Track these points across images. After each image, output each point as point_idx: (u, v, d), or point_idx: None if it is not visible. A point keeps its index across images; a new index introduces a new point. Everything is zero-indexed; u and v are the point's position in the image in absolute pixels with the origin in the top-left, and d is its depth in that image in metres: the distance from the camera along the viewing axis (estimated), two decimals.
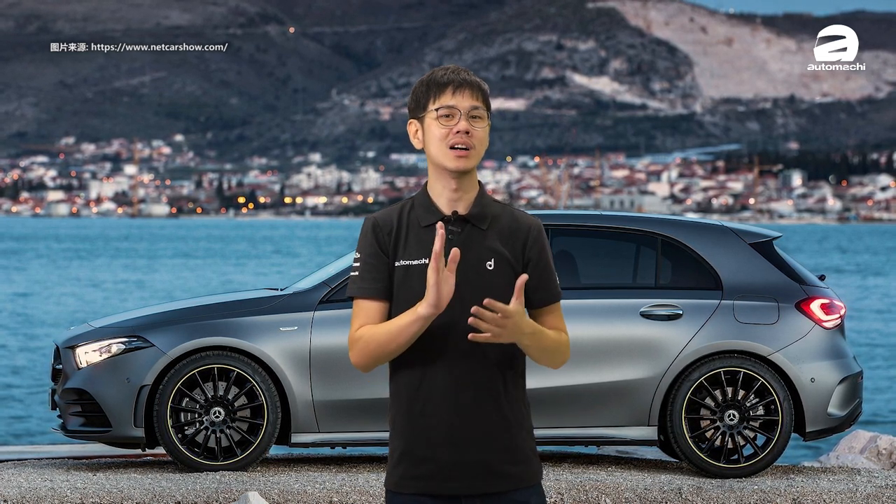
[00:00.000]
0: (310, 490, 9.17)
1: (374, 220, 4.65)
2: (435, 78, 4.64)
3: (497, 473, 4.57)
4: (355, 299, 4.62)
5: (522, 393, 4.65)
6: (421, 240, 4.60)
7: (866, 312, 51.76)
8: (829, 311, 10.20)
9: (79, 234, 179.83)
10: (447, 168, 4.59)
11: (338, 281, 10.12)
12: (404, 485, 4.59)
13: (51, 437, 18.58)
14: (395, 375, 4.63)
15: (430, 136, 4.62)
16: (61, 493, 9.06)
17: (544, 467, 9.80)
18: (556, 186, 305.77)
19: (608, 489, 9.39)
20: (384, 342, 4.53)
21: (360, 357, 4.57)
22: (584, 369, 9.95)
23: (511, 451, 4.59)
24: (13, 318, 47.84)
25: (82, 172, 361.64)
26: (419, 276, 4.57)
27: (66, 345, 10.21)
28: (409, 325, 4.48)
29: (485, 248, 4.60)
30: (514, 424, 4.60)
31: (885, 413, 26.56)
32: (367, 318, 4.59)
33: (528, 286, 4.62)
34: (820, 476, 10.13)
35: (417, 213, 4.64)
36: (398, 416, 4.62)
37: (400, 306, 4.58)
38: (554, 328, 4.64)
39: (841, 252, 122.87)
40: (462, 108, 4.60)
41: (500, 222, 4.64)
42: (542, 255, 4.64)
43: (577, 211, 10.83)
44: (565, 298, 9.47)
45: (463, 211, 4.63)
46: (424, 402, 4.55)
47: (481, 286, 4.57)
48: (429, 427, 4.56)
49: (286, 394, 9.93)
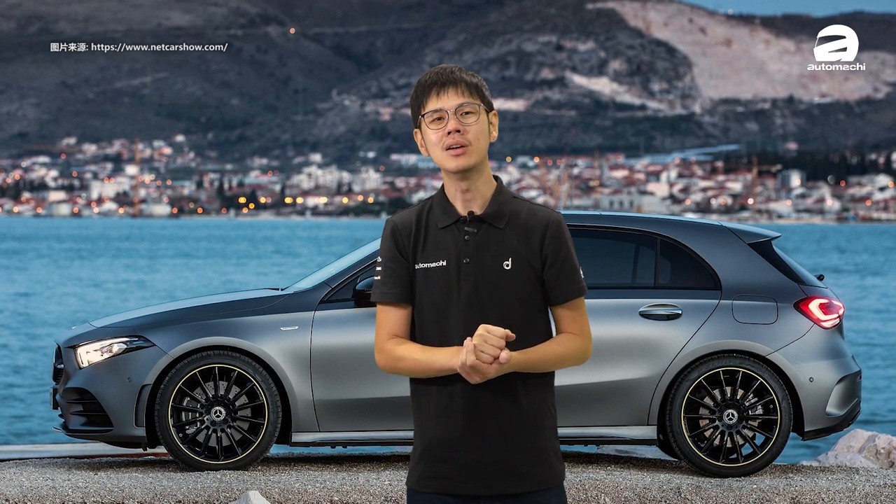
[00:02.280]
0: (310, 489, 9.19)
1: (394, 224, 4.63)
2: (420, 83, 4.61)
3: (517, 474, 4.55)
4: (378, 304, 4.62)
5: (546, 393, 4.61)
6: (438, 242, 4.58)
7: (865, 312, 51.76)
8: (827, 311, 10.22)
9: (80, 234, 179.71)
10: (448, 169, 4.57)
11: (338, 281, 10.14)
12: (424, 483, 4.58)
13: (52, 437, 18.60)
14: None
15: (428, 142, 4.60)
16: (63, 492, 9.08)
17: None
18: (556, 187, 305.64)
19: (608, 488, 9.41)
20: (416, 370, 4.55)
21: (391, 371, 4.61)
22: (584, 369, 9.97)
23: (532, 451, 4.56)
24: (15, 317, 47.84)
25: (84, 173, 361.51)
26: (438, 279, 4.56)
27: (67, 344, 10.23)
28: (443, 368, 4.50)
29: (502, 247, 4.56)
30: (534, 425, 4.56)
31: (883, 412, 26.58)
32: (392, 326, 4.59)
33: (547, 283, 4.59)
34: (818, 475, 10.15)
35: (435, 215, 4.61)
36: (419, 415, 4.62)
37: (422, 309, 4.58)
38: (568, 329, 4.60)
39: (839, 252, 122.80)
40: (449, 107, 4.55)
41: (518, 220, 4.59)
42: (560, 251, 4.59)
43: (576, 211, 10.85)
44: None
45: (479, 210, 4.59)
46: (445, 403, 4.55)
47: (499, 287, 4.55)
48: (449, 427, 4.55)
49: (287, 393, 9.95)
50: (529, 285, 4.56)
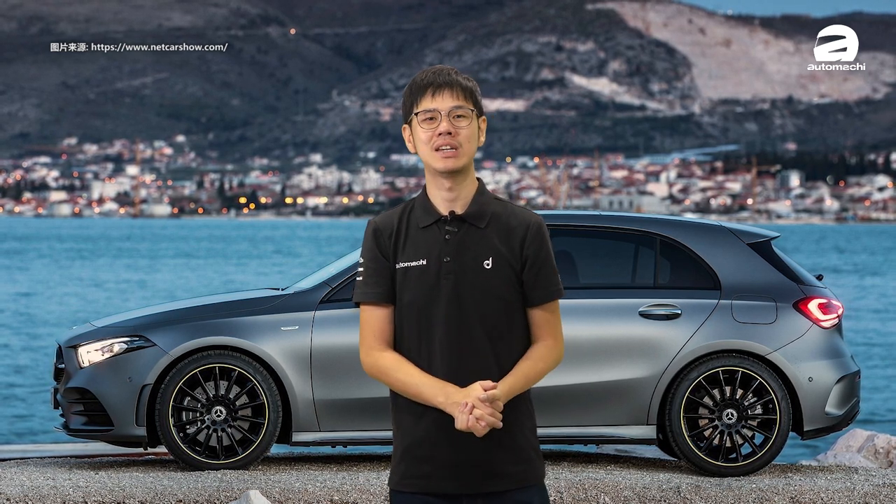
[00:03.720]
0: (311, 488, 9.20)
1: (375, 224, 4.67)
2: (416, 82, 4.66)
3: (498, 473, 4.58)
4: (361, 304, 4.66)
5: (524, 394, 4.65)
6: (419, 241, 4.62)
7: (864, 312, 51.77)
8: (826, 311, 10.24)
9: (81, 234, 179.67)
10: (436, 169, 4.60)
11: (338, 281, 10.16)
12: (406, 483, 4.61)
13: (53, 436, 18.60)
14: None
15: (417, 140, 4.65)
16: (64, 491, 9.09)
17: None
18: (556, 187, 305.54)
19: (607, 488, 9.42)
20: (398, 389, 4.60)
21: (373, 375, 4.67)
22: (584, 369, 9.99)
23: (512, 450, 4.60)
24: (16, 317, 47.86)
25: (84, 173, 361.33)
26: (417, 278, 4.59)
27: (68, 344, 10.24)
28: (428, 401, 4.55)
29: (483, 246, 4.60)
30: (514, 424, 4.60)
31: (882, 412, 26.60)
32: (376, 327, 4.63)
33: (525, 284, 4.63)
34: (817, 475, 10.16)
35: (416, 215, 4.65)
36: (399, 414, 4.65)
37: (402, 307, 4.62)
38: (543, 334, 4.63)
39: (838, 252, 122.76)
40: (442, 109, 4.60)
41: (499, 220, 4.63)
42: (539, 253, 4.63)
43: (576, 211, 10.86)
44: (564, 298, 9.49)
45: (460, 210, 4.63)
46: (425, 403, 4.58)
47: (479, 285, 4.58)
48: (429, 426, 4.58)
49: (287, 393, 9.96)
50: (509, 285, 4.60)
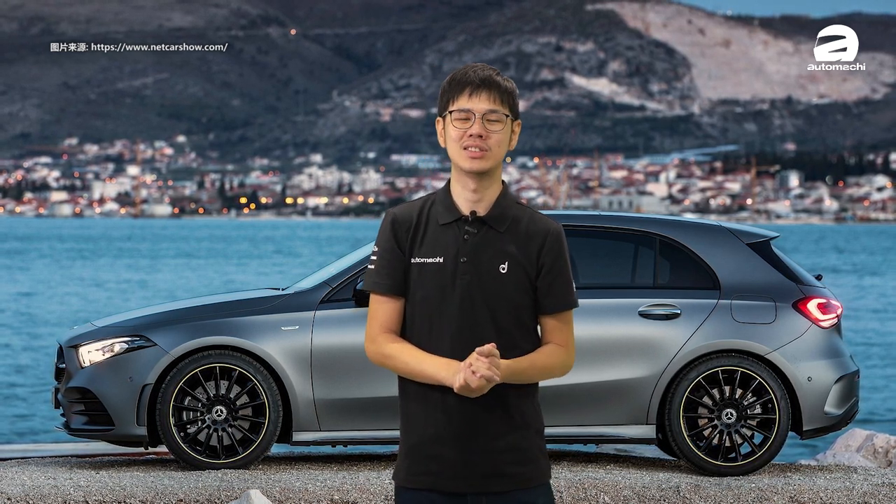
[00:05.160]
0: (311, 488, 9.22)
1: (394, 215, 4.64)
2: (456, 77, 4.62)
3: (503, 473, 4.59)
4: (371, 293, 4.65)
5: (532, 394, 4.66)
6: (437, 238, 4.60)
7: (863, 312, 51.78)
8: (825, 311, 10.26)
9: (82, 234, 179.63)
10: (462, 168, 4.59)
11: (339, 281, 10.18)
12: (411, 480, 4.61)
13: (54, 436, 18.61)
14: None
15: (448, 136, 4.62)
16: (64, 491, 9.11)
17: None
18: (555, 187, 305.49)
19: (607, 487, 9.44)
20: (403, 372, 4.58)
21: (377, 362, 4.63)
22: (583, 368, 10.00)
23: (518, 451, 4.60)
24: (17, 317, 47.87)
25: (85, 173, 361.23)
26: (433, 275, 4.58)
27: (69, 344, 10.26)
28: (432, 378, 4.54)
29: (500, 251, 4.59)
30: (521, 424, 4.61)
31: (881, 412, 26.61)
32: (384, 318, 4.61)
33: (539, 291, 4.62)
34: (817, 474, 10.18)
35: (437, 211, 4.63)
36: (406, 412, 4.64)
37: (414, 303, 4.60)
38: (554, 339, 4.64)
39: (838, 252, 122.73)
40: (477, 111, 4.57)
41: (518, 225, 4.61)
42: (556, 262, 4.62)
43: (575, 211, 10.89)
44: None
45: (482, 212, 4.61)
46: (434, 401, 4.57)
47: (493, 289, 4.58)
48: (436, 425, 4.58)
49: (287, 392, 9.98)
50: (523, 290, 4.59)
